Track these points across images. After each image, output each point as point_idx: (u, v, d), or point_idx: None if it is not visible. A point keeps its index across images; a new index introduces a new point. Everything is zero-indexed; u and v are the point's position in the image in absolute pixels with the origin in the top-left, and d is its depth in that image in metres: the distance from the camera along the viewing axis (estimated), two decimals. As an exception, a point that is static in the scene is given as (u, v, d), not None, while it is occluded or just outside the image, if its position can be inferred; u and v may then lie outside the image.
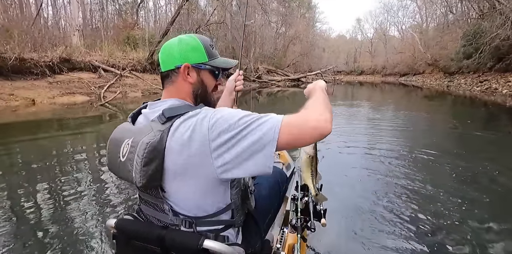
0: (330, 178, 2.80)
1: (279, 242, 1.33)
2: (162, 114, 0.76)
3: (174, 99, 0.84)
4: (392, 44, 47.56)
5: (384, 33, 51.55)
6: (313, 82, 1.03)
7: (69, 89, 10.06)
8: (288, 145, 0.70)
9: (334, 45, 60.52)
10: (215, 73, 0.90)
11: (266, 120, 0.70)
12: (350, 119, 7.28)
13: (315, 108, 0.77)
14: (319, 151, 1.31)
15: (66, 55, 10.89)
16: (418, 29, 38.94)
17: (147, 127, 0.76)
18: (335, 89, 20.10)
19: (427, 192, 2.67)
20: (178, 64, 0.84)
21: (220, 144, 0.69)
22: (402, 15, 55.37)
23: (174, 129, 0.73)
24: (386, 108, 10.12)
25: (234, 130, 0.69)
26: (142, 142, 0.71)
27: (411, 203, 2.43)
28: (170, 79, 0.86)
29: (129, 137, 0.77)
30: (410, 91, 19.11)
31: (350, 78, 42.69)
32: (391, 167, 3.34)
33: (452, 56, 21.57)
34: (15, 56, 9.16)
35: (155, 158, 0.71)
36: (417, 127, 6.41)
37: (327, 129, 0.70)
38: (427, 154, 3.82)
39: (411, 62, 33.73)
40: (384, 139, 4.83)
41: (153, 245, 0.78)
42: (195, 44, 0.86)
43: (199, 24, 15.26)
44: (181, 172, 0.74)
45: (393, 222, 2.12)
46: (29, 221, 2.12)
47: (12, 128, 5.92)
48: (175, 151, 0.72)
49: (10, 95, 8.72)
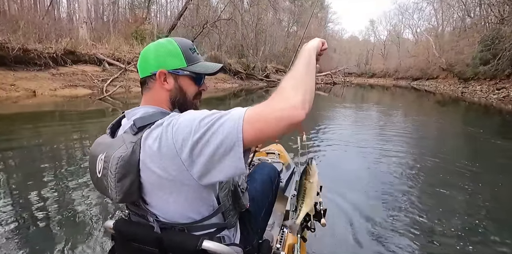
0: (332, 178, 2.94)
1: (279, 242, 1.34)
2: (134, 124, 0.72)
3: (148, 107, 0.81)
4: (405, 47, 46.68)
5: (398, 35, 50.63)
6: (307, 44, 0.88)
7: (71, 81, 9.94)
8: (257, 141, 0.64)
9: (346, 47, 59.69)
10: (196, 79, 0.85)
11: (227, 119, 0.63)
12: (357, 122, 7.06)
13: (285, 90, 0.66)
14: (325, 151, 1.26)
15: (71, 47, 10.76)
16: (433, 32, 38.03)
17: (119, 139, 0.73)
18: (345, 91, 19.78)
19: (431, 197, 2.65)
20: (153, 70, 0.80)
21: (187, 152, 0.64)
22: (418, 17, 54.24)
23: (144, 140, 0.68)
24: (396, 112, 9.81)
25: (196, 133, 0.63)
26: (113, 157, 0.69)
27: (412, 205, 2.43)
28: (147, 86, 0.83)
29: (102, 152, 0.74)
30: (422, 96, 18.60)
31: (361, 81, 42.17)
32: (394, 172, 3.30)
33: (468, 61, 20.92)
34: (18, 46, 9.05)
35: (129, 173, 0.68)
36: (426, 133, 6.17)
37: (295, 117, 0.61)
38: (433, 162, 3.69)
39: (425, 66, 33.03)
40: (390, 143, 4.74)
41: (151, 247, 0.76)
42: (172, 48, 0.81)
43: (206, 20, 14.96)
44: (158, 185, 0.70)
45: (393, 223, 2.14)
46: (27, 217, 2.10)
47: (6, 119, 5.76)
48: (148, 163, 0.68)
49: (12, 85, 8.62)
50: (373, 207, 2.40)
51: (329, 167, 3.44)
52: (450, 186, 2.86)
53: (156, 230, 0.75)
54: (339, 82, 27.36)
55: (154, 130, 0.69)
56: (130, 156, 0.67)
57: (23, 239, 1.86)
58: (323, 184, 1.44)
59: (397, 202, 2.50)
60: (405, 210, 2.35)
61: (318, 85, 23.83)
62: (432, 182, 3.02)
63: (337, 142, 4.48)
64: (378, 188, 2.79)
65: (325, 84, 25.90)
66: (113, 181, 0.69)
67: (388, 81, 42.10)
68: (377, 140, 5.03)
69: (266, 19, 25.12)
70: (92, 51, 11.62)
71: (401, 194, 2.67)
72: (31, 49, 9.42)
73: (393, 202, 2.49)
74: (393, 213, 2.29)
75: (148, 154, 0.68)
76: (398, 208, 2.37)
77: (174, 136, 0.65)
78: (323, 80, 26.51)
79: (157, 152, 0.66)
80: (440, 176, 3.22)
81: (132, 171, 0.68)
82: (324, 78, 26.89)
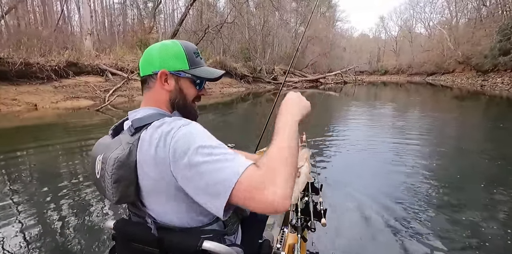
0: (333, 178, 2.96)
1: (279, 242, 1.34)
2: (131, 125, 0.73)
3: (147, 108, 0.81)
4: (418, 42, 45.40)
5: (409, 30, 49.18)
6: (290, 96, 0.83)
7: (74, 93, 9.88)
8: (240, 204, 0.61)
9: (356, 45, 58.56)
10: (197, 83, 0.84)
11: (228, 166, 0.61)
12: (369, 121, 6.80)
13: (277, 172, 0.61)
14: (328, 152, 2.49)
15: (74, 59, 10.75)
16: (447, 25, 36.67)
17: (117, 140, 0.74)
18: (357, 90, 19.23)
19: (439, 200, 2.60)
20: (155, 70, 0.79)
21: (179, 170, 0.64)
22: (430, 11, 52.34)
23: (141, 141, 0.69)
24: (411, 110, 9.27)
25: (192, 158, 0.62)
26: (110, 158, 0.69)
27: (417, 208, 2.39)
28: (148, 85, 0.82)
29: (100, 153, 0.75)
30: (438, 91, 17.82)
31: (373, 79, 41.49)
32: (398, 172, 3.25)
33: (486, 53, 19.93)
34: (20, 61, 9.07)
35: (125, 174, 0.69)
36: (443, 130, 5.78)
37: (282, 207, 0.59)
38: (448, 162, 3.63)
39: (440, 60, 32.19)
40: (401, 142, 4.64)
41: (152, 247, 0.75)
42: (177, 50, 0.80)
43: (207, 24, 14.76)
44: (155, 189, 0.70)
45: (393, 223, 2.13)
46: (30, 221, 2.17)
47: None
48: (144, 166, 0.69)
49: (13, 100, 8.61)
50: (374, 207, 2.37)
51: (331, 167, 3.41)
52: (467, 186, 2.80)
53: (153, 232, 0.73)
54: (350, 81, 26.58)
55: (151, 132, 0.69)
56: (126, 157, 0.68)
57: (23, 239, 1.92)
58: (324, 183, 1.47)
59: (399, 203, 2.45)
60: (407, 211, 2.31)
61: (328, 85, 23.31)
62: (446, 181, 2.95)
63: (341, 143, 4.46)
64: (381, 188, 2.75)
65: (335, 83, 25.23)
66: (109, 182, 0.70)
67: (401, 77, 41.32)
68: (385, 138, 4.98)
69: (272, 21, 24.77)
70: (96, 62, 11.60)
71: (406, 195, 2.61)
72: (33, 63, 9.42)
73: (395, 203, 2.45)
74: (394, 214, 2.26)
75: (144, 157, 0.68)
76: (400, 209, 2.34)
77: (170, 147, 0.64)
78: (333, 80, 25.86)
79: (153, 157, 0.66)
80: (455, 175, 3.10)
81: (128, 173, 0.69)
82: (334, 77, 26.23)
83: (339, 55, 41.67)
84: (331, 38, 37.50)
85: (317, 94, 16.71)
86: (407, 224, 2.12)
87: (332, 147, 4.28)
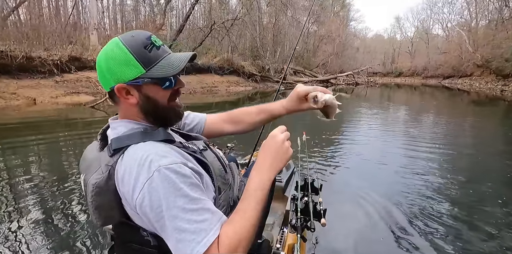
0: (334, 178, 2.98)
1: (279, 242, 1.36)
2: (110, 144, 0.69)
3: (125, 122, 0.75)
4: (435, 43, 44.10)
5: (426, 31, 47.69)
6: (270, 143, 0.78)
7: (75, 88, 9.71)
8: None
9: (371, 45, 57.37)
10: (163, 82, 0.72)
11: (190, 240, 0.60)
12: (376, 124, 6.48)
13: (242, 245, 0.64)
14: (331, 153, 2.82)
15: (77, 53, 10.59)
16: (466, 26, 35.32)
17: (97, 159, 0.71)
18: (369, 92, 18.65)
19: (442, 202, 2.53)
20: (111, 85, 0.70)
21: (143, 216, 0.63)
22: (448, 11, 50.28)
23: (118, 166, 0.65)
24: (425, 113, 8.77)
25: (156, 217, 0.60)
26: (89, 184, 0.66)
27: (415, 207, 2.40)
28: (114, 100, 0.74)
29: (83, 172, 0.73)
30: (455, 96, 17.06)
31: (387, 80, 40.49)
32: (405, 175, 3.18)
33: (508, 56, 19.03)
34: (22, 54, 8.94)
35: (105, 199, 0.66)
36: (459, 137, 5.32)
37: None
38: (457, 166, 3.56)
39: (457, 63, 31.21)
40: (409, 145, 4.51)
41: (151, 248, 0.73)
42: (121, 55, 0.68)
43: (213, 21, 14.42)
44: (133, 214, 0.67)
45: (393, 223, 2.13)
46: (27, 220, 2.14)
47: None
48: (121, 194, 0.66)
49: (12, 94, 8.46)
50: (374, 207, 2.37)
51: (331, 167, 3.38)
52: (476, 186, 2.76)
53: (153, 244, 0.68)
54: (362, 82, 25.83)
55: (123, 170, 0.64)
56: (105, 181, 0.65)
57: (23, 238, 1.90)
58: (324, 183, 1.47)
59: (399, 204, 2.45)
60: (408, 212, 2.32)
61: (339, 86, 22.71)
62: (451, 182, 2.93)
63: (343, 143, 4.40)
64: (382, 189, 2.74)
65: (346, 84, 24.55)
66: (90, 207, 0.68)
67: (416, 80, 40.27)
68: (390, 140, 4.88)
69: (284, 19, 24.23)
70: (99, 57, 11.41)
71: (407, 197, 2.60)
72: (35, 57, 9.27)
73: (395, 203, 2.45)
74: (394, 214, 2.28)
75: (120, 186, 0.65)
76: (400, 209, 2.35)
77: (137, 199, 0.61)
78: (345, 81, 25.18)
79: (121, 190, 0.65)
80: (463, 181, 3.03)
81: (108, 197, 0.66)
82: (346, 78, 25.55)
83: (352, 56, 40.83)
84: (344, 38, 36.65)
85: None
86: (407, 224, 2.12)
87: (333, 147, 4.19)
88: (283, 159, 0.75)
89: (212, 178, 0.73)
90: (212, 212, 0.63)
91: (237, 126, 1.05)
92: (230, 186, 0.81)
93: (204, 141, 0.86)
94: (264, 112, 1.01)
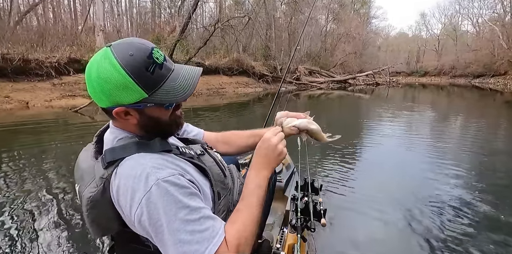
0: (334, 178, 2.94)
1: (278, 242, 1.36)
2: (104, 155, 0.67)
3: (120, 131, 0.71)
4: (463, 40, 41.33)
5: (454, 28, 44.84)
6: (264, 145, 0.82)
7: (71, 91, 9.36)
8: None
9: (394, 44, 54.93)
10: (168, 105, 0.69)
11: (193, 251, 0.59)
12: (390, 126, 5.89)
13: (244, 233, 0.67)
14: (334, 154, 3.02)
15: (77, 55, 10.28)
16: (499, 21, 32.73)
17: (91, 170, 0.67)
18: (391, 92, 17.42)
19: (446, 203, 2.40)
20: (108, 105, 0.65)
21: (142, 231, 0.63)
22: (479, 6, 46.97)
23: (112, 180, 0.63)
24: (452, 115, 7.79)
25: (156, 231, 0.60)
26: (84, 196, 0.65)
27: (415, 208, 2.31)
28: (110, 116, 0.70)
29: (77, 181, 0.71)
30: (487, 96, 15.50)
31: (411, 80, 38.54)
32: (412, 177, 3.06)
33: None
34: (19, 56, 8.68)
35: (101, 211, 0.65)
36: (490, 143, 4.51)
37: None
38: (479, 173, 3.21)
39: (489, 61, 29.15)
40: (421, 146, 4.35)
41: (151, 248, 0.75)
42: (119, 78, 0.60)
43: (217, 19, 13.80)
44: (133, 225, 0.65)
45: (393, 223, 2.11)
46: (26, 222, 2.09)
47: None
48: (118, 207, 0.65)
49: (6, 97, 8.19)
50: (374, 207, 2.32)
51: (332, 167, 3.34)
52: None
53: (154, 248, 0.67)
54: (383, 82, 24.30)
55: (118, 183, 0.61)
56: (100, 194, 0.63)
57: (23, 238, 1.88)
58: (324, 183, 1.62)
59: (400, 204, 2.38)
60: (408, 212, 2.24)
61: (358, 87, 21.46)
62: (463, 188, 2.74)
63: (346, 143, 4.26)
64: (383, 190, 2.68)
65: (366, 85, 23.16)
66: (87, 220, 0.67)
67: (443, 79, 37.96)
68: (398, 140, 4.76)
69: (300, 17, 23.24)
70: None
71: (409, 198, 2.50)
72: (32, 59, 9.00)
73: (396, 204, 2.39)
74: (394, 214, 2.23)
75: (116, 200, 0.63)
76: (400, 210, 2.28)
77: (136, 215, 0.60)
78: (364, 81, 23.81)
79: (117, 204, 0.63)
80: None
81: (104, 209, 0.64)
82: (365, 78, 24.15)
83: (373, 55, 39.03)
84: (364, 36, 35.04)
85: (344, 96, 15.27)
86: (407, 224, 2.09)
87: (333, 147, 4.00)
88: (277, 160, 0.81)
89: (211, 183, 0.73)
90: (213, 218, 0.64)
91: (229, 148, 1.06)
92: (230, 190, 0.81)
93: (202, 145, 0.85)
94: (255, 136, 1.02)
